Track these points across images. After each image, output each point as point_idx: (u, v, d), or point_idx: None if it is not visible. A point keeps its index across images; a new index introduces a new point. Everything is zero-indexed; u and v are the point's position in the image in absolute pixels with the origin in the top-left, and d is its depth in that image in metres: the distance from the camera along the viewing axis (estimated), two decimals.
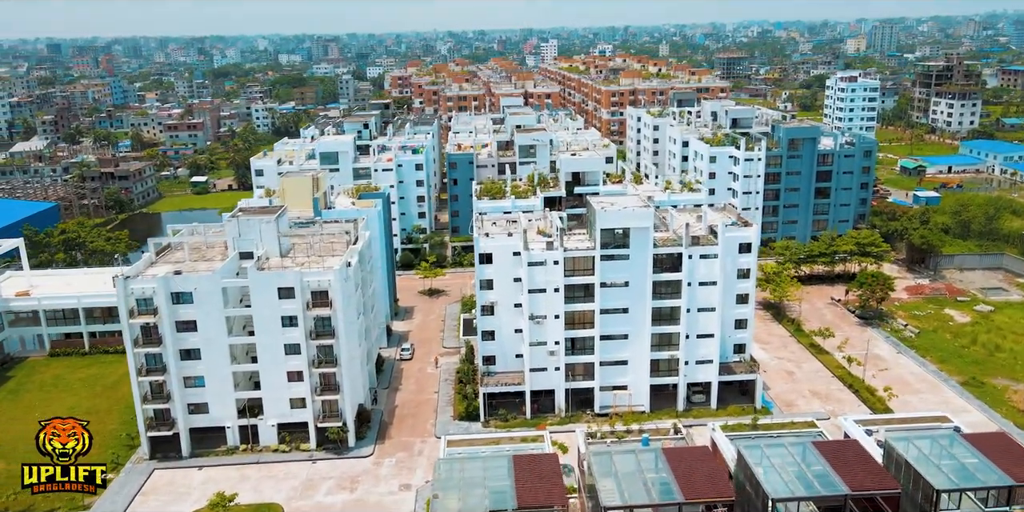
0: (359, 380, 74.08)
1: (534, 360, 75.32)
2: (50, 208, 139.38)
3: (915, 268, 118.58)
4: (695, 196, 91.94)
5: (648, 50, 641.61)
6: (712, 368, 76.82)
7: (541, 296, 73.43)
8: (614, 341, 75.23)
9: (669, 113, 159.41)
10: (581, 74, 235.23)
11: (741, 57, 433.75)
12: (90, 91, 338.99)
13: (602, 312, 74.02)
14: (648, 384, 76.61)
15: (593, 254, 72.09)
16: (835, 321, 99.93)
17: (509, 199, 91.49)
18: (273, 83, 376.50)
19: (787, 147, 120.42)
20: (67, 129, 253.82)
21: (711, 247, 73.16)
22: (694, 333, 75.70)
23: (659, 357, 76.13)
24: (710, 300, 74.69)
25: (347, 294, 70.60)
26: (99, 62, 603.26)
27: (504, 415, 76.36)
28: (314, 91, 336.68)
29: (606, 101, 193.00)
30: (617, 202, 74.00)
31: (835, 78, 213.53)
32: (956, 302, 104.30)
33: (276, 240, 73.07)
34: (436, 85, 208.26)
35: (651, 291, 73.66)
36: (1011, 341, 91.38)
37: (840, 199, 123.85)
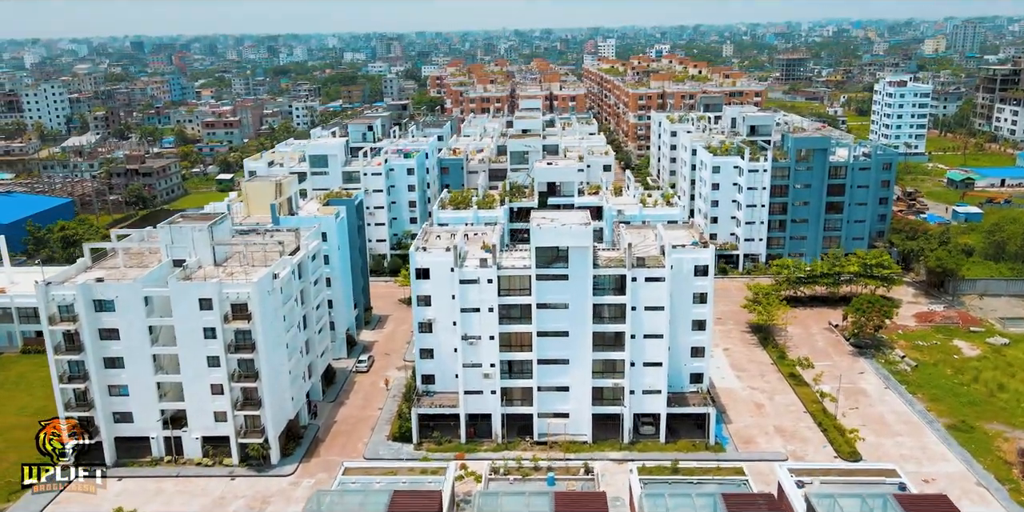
0: (286, 395, 71.89)
1: (469, 382, 71.63)
2: (64, 204, 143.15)
3: (933, 292, 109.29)
4: (669, 211, 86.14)
5: (711, 50, 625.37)
6: (660, 399, 71.48)
7: (475, 315, 69.67)
8: (554, 366, 70.82)
9: (688, 118, 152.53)
10: (617, 76, 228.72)
11: (802, 58, 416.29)
12: (148, 87, 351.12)
13: (540, 334, 69.76)
14: (590, 413, 71.90)
15: (529, 273, 67.91)
16: (826, 349, 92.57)
17: (472, 210, 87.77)
18: (325, 81, 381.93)
19: (795, 158, 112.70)
20: (117, 125, 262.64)
21: (658, 269, 67.86)
22: (640, 361, 70.55)
23: (602, 385, 71.32)
24: (657, 326, 69.39)
25: (272, 307, 68.46)
26: (172, 59, 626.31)
27: (438, 438, 73.01)
28: (361, 90, 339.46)
29: (633, 104, 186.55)
30: (559, 218, 69.55)
31: (883, 82, 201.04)
32: (968, 333, 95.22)
33: (209, 248, 71.50)
34: (463, 86, 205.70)
35: (592, 314, 69.00)
36: (1019, 380, 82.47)
37: (854, 215, 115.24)
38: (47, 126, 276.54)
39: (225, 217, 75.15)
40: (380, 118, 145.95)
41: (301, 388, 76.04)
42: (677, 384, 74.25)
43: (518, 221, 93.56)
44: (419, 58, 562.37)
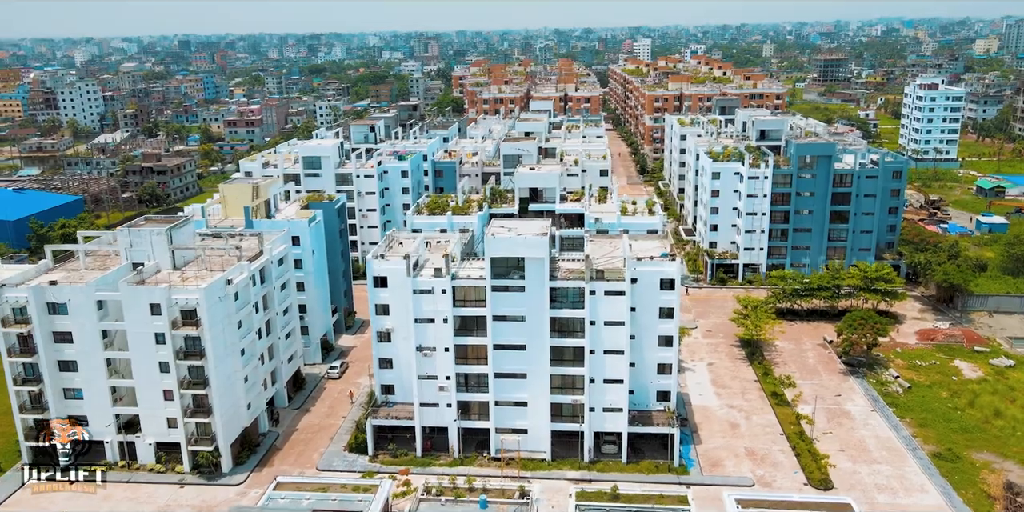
0: (241, 402, 70.82)
1: (424, 394, 69.69)
2: (74, 201, 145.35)
3: (941, 308, 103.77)
4: (649, 220, 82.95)
5: (750, 50, 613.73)
6: (621, 417, 68.56)
7: (430, 326, 67.70)
8: (511, 380, 68.43)
9: (699, 121, 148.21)
10: (640, 77, 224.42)
11: (840, 59, 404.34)
12: (183, 86, 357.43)
13: (496, 347, 67.44)
14: (549, 429, 69.33)
15: (484, 284, 65.63)
16: (816, 366, 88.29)
17: (446, 215, 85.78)
18: (356, 81, 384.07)
19: (798, 165, 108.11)
20: (146, 123, 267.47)
21: (617, 283, 64.96)
22: (600, 377, 67.73)
23: (561, 401, 68.69)
24: (618, 342, 66.51)
25: (224, 313, 67.42)
26: (214, 58, 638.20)
27: (394, 451, 71.24)
28: (389, 89, 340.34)
29: (649, 106, 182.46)
30: (516, 228, 67.05)
31: (913, 85, 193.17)
32: (972, 353, 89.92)
33: (168, 252, 70.82)
34: (479, 87, 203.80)
35: (550, 328, 66.44)
36: (1017, 407, 77.36)
37: (860, 225, 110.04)
38: (81, 123, 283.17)
39: (188, 221, 74.46)
40: (383, 119, 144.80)
41: (261, 395, 74.99)
42: (643, 402, 71.30)
43: None
44: (454, 57, 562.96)
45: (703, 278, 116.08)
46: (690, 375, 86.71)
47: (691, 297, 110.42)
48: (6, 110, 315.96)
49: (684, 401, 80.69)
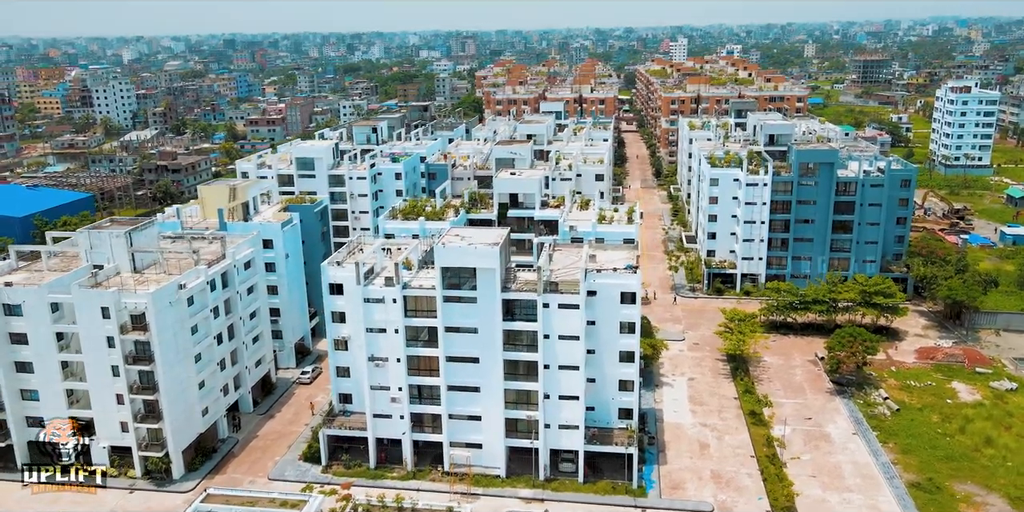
0: (195, 408, 70.02)
1: (377, 405, 68.06)
2: (84, 198, 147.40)
3: (947, 325, 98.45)
4: (625, 229, 79.93)
5: (791, 50, 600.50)
6: (577, 435, 65.92)
7: (381, 336, 65.98)
8: (464, 393, 66.34)
9: (709, 124, 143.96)
10: (663, 78, 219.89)
11: (881, 60, 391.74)
12: (215, 84, 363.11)
13: (449, 359, 65.42)
14: (503, 445, 67.07)
15: (435, 294, 63.64)
16: (802, 384, 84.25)
17: (418, 221, 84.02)
18: (385, 80, 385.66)
19: (799, 172, 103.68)
20: (174, 120, 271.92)
21: (571, 296, 62.34)
22: (555, 393, 65.19)
23: (515, 416, 66.38)
24: (573, 357, 63.90)
25: (176, 318, 66.65)
26: (255, 56, 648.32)
27: (347, 461, 69.76)
28: (417, 88, 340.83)
29: (665, 108, 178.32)
30: (471, 237, 64.89)
31: (944, 88, 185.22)
32: (972, 374, 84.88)
33: (127, 254, 70.39)
34: (496, 87, 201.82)
35: (503, 341, 64.16)
36: (1012, 435, 72.46)
37: (865, 235, 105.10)
38: (114, 121, 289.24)
39: (150, 224, 74.00)
40: (387, 120, 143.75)
41: (220, 401, 74.18)
42: (604, 419, 68.57)
43: None
44: (489, 57, 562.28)
45: (700, 288, 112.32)
46: (668, 390, 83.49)
47: (684, 307, 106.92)
48: (46, 107, 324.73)
49: (656, 418, 77.65)
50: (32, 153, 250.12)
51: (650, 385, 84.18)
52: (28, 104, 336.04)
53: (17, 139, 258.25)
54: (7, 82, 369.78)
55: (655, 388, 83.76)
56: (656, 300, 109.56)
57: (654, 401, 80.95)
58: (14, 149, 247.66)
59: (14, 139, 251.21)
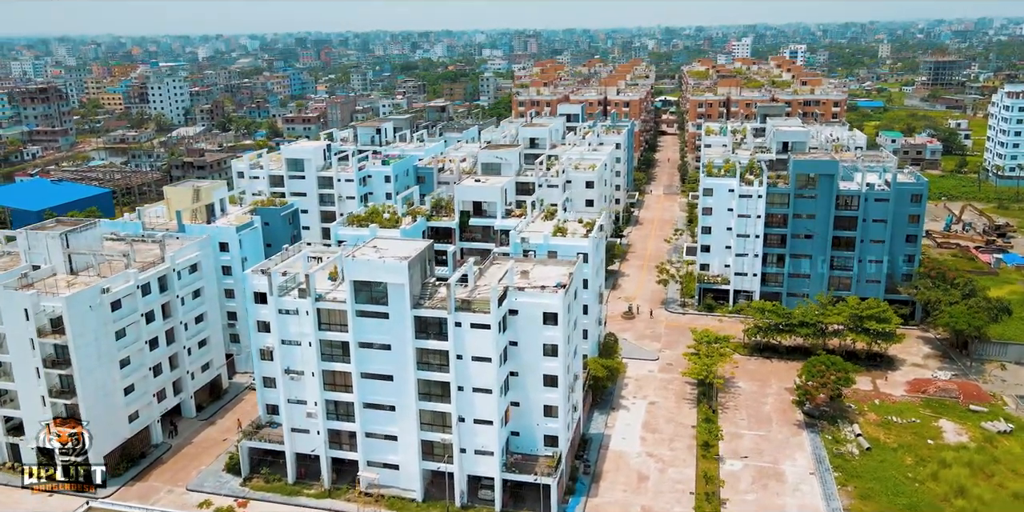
0: (120, 413, 69.32)
1: (294, 419, 65.93)
2: (102, 193, 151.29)
3: (952, 354, 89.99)
4: (579, 243, 75.43)
5: (865, 51, 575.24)
6: (493, 461, 62.19)
7: (297, 349, 63.80)
8: (380, 411, 63.52)
9: (726, 130, 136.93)
10: (702, 80, 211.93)
11: (953, 61, 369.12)
12: (269, 82, 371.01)
13: (364, 376, 62.72)
14: (419, 468, 63.94)
15: (346, 308, 60.99)
16: (770, 415, 78.05)
17: (370, 228, 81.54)
18: (435, 79, 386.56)
19: (796, 183, 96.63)
20: (220, 117, 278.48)
21: (483, 315, 58.62)
22: (470, 416, 61.63)
23: (431, 439, 63.15)
24: (486, 380, 60.20)
25: (98, 322, 66.01)
26: (320, 55, 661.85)
27: (267, 475, 67.97)
28: (463, 88, 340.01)
29: (692, 112, 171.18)
30: (386, 248, 61.92)
31: (1000, 93, 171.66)
32: (965, 411, 77.00)
33: (63, 256, 70.31)
34: (522, 88, 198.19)
35: (416, 359, 61.04)
36: (990, 485, 64.89)
37: (869, 253, 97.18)
38: (167, 117, 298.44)
39: (91, 225, 73.79)
40: (392, 120, 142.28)
41: (152, 406, 73.43)
42: (530, 446, 64.63)
43: (439, 241, 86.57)
44: (547, 56, 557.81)
45: (691, 303, 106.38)
46: (623, 414, 78.65)
47: (670, 323, 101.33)
48: (109, 103, 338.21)
49: (601, 444, 73.07)
50: (86, 147, 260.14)
51: (606, 408, 79.56)
52: (94, 100, 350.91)
53: (73, 133, 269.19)
54: (75, 78, 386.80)
55: (610, 411, 79.08)
56: (640, 315, 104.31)
57: (605, 425, 76.33)
58: (68, 143, 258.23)
59: (69, 133, 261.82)
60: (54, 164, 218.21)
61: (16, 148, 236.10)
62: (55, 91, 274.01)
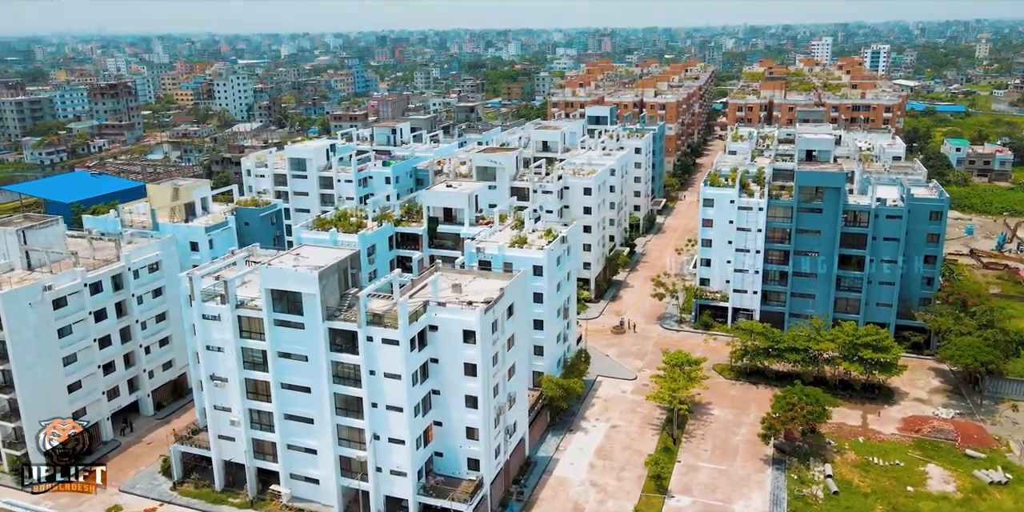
0: (61, 410, 69.10)
1: (220, 427, 64.77)
2: (136, 187, 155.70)
3: (963, 390, 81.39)
4: (533, 255, 71.39)
5: (961, 51, 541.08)
6: (407, 483, 59.29)
7: (220, 355, 62.52)
8: (300, 424, 61.57)
9: (755, 135, 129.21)
10: (758, 81, 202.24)
11: None
12: (332, 80, 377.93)
13: (283, 386, 60.90)
14: (338, 484, 61.68)
15: (263, 316, 59.24)
16: (738, 447, 72.13)
17: (329, 232, 79.78)
18: (497, 78, 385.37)
19: (800, 196, 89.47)
20: (277, 114, 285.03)
21: (392, 331, 55.75)
22: (385, 434, 58.91)
23: (348, 455, 60.79)
24: (398, 397, 57.33)
25: (36, 319, 66.51)
26: (394, 52, 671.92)
27: (197, 481, 67.18)
28: (521, 87, 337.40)
29: (731, 116, 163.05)
30: (308, 257, 59.81)
31: None
32: (960, 456, 69.12)
33: (20, 251, 71.44)
34: (558, 90, 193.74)
35: (331, 372, 58.78)
36: None
37: (880, 274, 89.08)
38: (231, 113, 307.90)
39: (53, 222, 74.77)
40: (410, 121, 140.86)
41: (102, 404, 73.89)
42: (453, 468, 61.50)
43: (404, 248, 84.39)
44: (618, 55, 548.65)
45: (688, 320, 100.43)
46: (579, 437, 74.27)
47: (660, 341, 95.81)
48: (180, 99, 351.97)
49: (544, 469, 69.04)
50: (151, 141, 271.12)
51: (563, 429, 75.36)
52: (168, 96, 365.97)
53: (140, 128, 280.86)
54: (153, 75, 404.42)
55: (566, 433, 74.83)
56: (631, 330, 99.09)
57: (556, 448, 72.18)
58: (134, 137, 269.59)
59: (135, 128, 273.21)
60: (112, 157, 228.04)
61: (84, 141, 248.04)
62: (124, 87, 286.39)
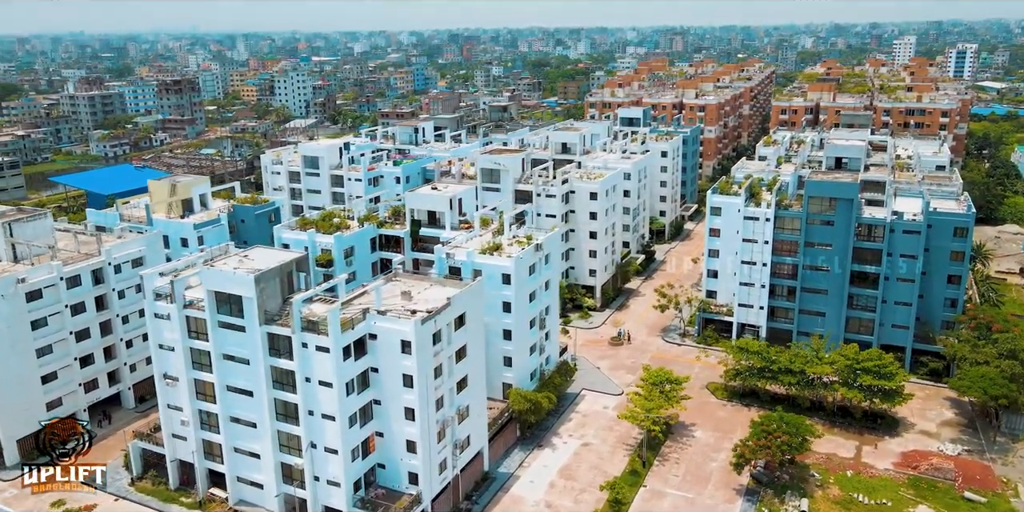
0: (34, 400, 70.93)
1: (173, 425, 64.65)
2: None
3: (979, 424, 74.36)
4: (501, 262, 68.54)
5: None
6: (341, 494, 57.66)
7: (171, 354, 62.30)
8: (244, 427, 60.80)
9: (787, 140, 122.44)
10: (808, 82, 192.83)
11: None
12: (392, 78, 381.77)
13: (229, 389, 60.19)
14: (277, 490, 60.60)
15: (205, 316, 58.62)
16: (711, 474, 67.65)
17: (308, 233, 78.93)
18: (556, 77, 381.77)
19: (809, 208, 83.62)
20: (331, 111, 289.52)
21: (324, 337, 54.14)
22: (321, 443, 57.44)
23: (288, 461, 59.64)
24: (331, 406, 55.74)
25: (9, 311, 67.81)
26: (462, 51, 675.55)
27: (154, 477, 67.41)
28: (578, 86, 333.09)
29: (774, 118, 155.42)
30: (254, 259, 58.77)
31: None
32: (957, 498, 62.87)
33: (5, 244, 73.27)
34: (599, 90, 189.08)
35: (270, 377, 57.69)
36: None
37: (895, 294, 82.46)
38: (290, 109, 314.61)
39: (40, 215, 76.44)
40: (434, 120, 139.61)
41: (78, 395, 75.10)
42: (395, 481, 59.69)
43: (389, 250, 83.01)
44: (688, 54, 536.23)
45: (691, 333, 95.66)
46: (547, 454, 71.16)
47: (656, 355, 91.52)
48: (245, 94, 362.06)
49: (503, 486, 66.32)
50: (211, 135, 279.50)
51: (532, 444, 72.42)
52: (235, 92, 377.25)
53: (201, 122, 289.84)
54: (223, 71, 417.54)
55: (535, 449, 71.84)
56: (630, 341, 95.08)
57: (519, 465, 69.33)
58: (195, 132, 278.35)
59: (196, 123, 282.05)
60: (169, 151, 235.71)
61: (146, 135, 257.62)
62: (188, 83, 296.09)
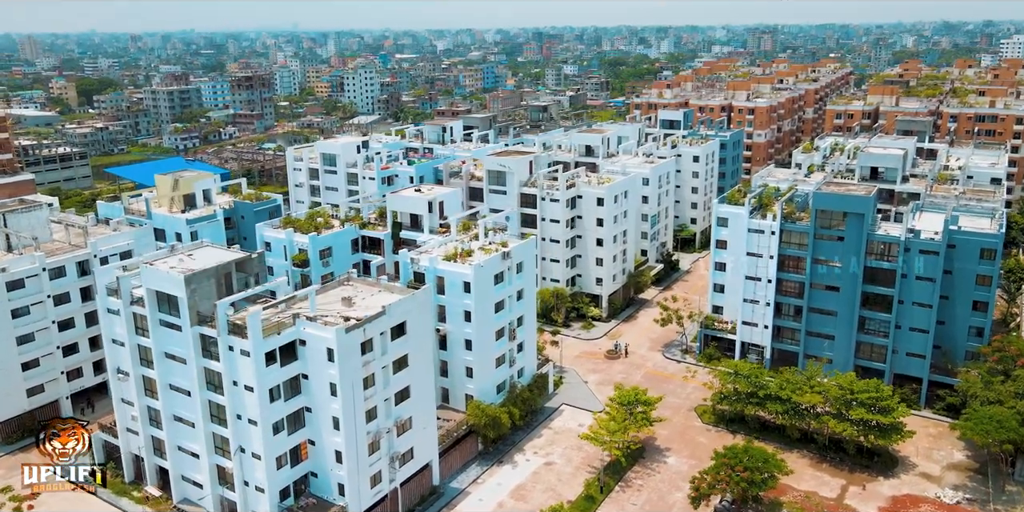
0: (16, 386, 72.93)
1: (126, 419, 65.16)
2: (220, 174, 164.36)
3: (991, 469, 66.59)
4: (462, 270, 65.72)
5: None
6: (264, 499, 56.49)
7: (122, 349, 62.64)
8: (186, 427, 60.51)
9: (826, 147, 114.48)
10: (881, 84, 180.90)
11: None
12: (460, 75, 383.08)
13: (171, 388, 60.05)
14: (214, 492, 60.06)
15: (147, 314, 58.52)
16: (676, 502, 63.03)
17: (285, 232, 78.31)
18: (627, 76, 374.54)
19: (818, 222, 77.09)
20: (394, 107, 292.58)
21: (245, 341, 52.94)
22: (249, 448, 56.41)
23: (221, 464, 58.99)
24: (253, 410, 54.57)
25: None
26: (542, 49, 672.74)
27: (112, 469, 68.03)
28: (646, 86, 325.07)
29: (828, 123, 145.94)
30: (198, 259, 58.27)
31: None
32: None
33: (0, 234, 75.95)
34: (649, 91, 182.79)
35: (203, 378, 57.12)
36: None
37: (911, 319, 75.05)
38: (358, 106, 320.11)
39: (36, 207, 78.78)
40: (463, 119, 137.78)
41: (61, 383, 76.94)
42: (326, 490, 58.18)
43: (371, 252, 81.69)
44: (774, 54, 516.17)
45: (692, 350, 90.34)
46: (504, 471, 68.12)
47: (651, 371, 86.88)
48: (319, 90, 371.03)
49: (450, 503, 63.82)
50: (279, 130, 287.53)
51: (492, 460, 69.52)
52: (310, 88, 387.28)
53: (271, 117, 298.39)
54: (302, 67, 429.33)
55: (494, 465, 68.91)
56: (627, 355, 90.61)
57: (472, 481, 66.60)
58: (263, 126, 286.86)
59: (264, 117, 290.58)
60: (232, 145, 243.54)
61: (216, 128, 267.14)
62: (259, 79, 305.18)
